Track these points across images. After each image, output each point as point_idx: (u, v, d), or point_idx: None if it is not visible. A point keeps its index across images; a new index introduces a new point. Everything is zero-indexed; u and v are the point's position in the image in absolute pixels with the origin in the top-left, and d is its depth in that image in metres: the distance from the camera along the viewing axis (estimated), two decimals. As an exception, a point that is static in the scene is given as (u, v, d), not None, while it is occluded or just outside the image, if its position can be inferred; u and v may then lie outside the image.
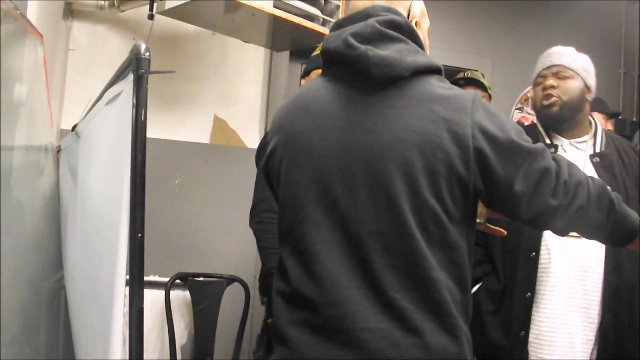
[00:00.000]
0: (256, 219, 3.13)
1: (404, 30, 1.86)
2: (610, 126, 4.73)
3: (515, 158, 1.76)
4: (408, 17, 1.95)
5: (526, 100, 5.48)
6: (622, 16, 5.53)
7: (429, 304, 1.72)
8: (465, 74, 4.04)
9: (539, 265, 2.78)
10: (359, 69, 1.80)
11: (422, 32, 1.99)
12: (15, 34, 2.60)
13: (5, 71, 2.40)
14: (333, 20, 3.76)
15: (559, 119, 2.92)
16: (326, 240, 1.78)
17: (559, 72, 2.93)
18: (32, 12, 3.03)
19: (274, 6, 3.49)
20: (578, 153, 2.89)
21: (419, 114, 1.75)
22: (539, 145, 1.83)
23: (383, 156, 1.74)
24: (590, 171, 2.80)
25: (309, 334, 1.77)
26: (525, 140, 1.80)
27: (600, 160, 2.85)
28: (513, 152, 1.76)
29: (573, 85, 2.91)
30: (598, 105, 4.63)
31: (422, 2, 2.02)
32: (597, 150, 2.91)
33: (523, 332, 2.77)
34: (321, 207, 1.80)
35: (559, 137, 2.96)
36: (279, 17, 3.53)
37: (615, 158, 2.87)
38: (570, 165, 1.87)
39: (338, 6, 3.81)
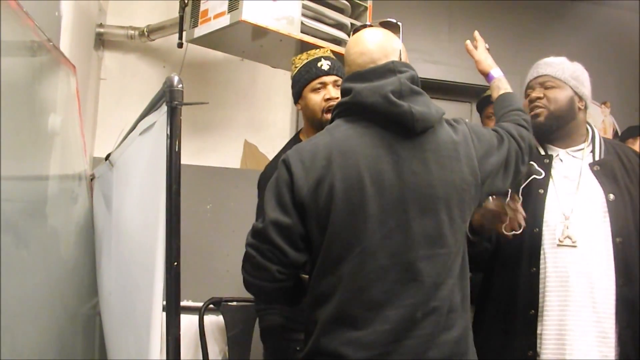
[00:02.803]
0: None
1: (418, 82, 2.24)
2: None
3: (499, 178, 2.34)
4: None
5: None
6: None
7: (456, 305, 2.15)
8: None
9: (540, 281, 2.71)
10: (397, 122, 2.13)
11: None
12: (48, 65, 2.65)
13: (40, 102, 2.45)
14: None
15: (545, 129, 2.88)
16: (381, 267, 2.07)
17: (546, 82, 2.91)
18: (65, 43, 3.07)
19: (301, 31, 3.51)
20: (575, 162, 2.84)
21: (449, 155, 2.18)
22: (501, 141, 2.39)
23: (429, 194, 2.12)
24: (590, 180, 2.76)
25: (361, 350, 2.04)
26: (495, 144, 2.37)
27: (600, 168, 2.79)
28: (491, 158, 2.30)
29: (560, 95, 2.88)
30: (631, 132, 4.61)
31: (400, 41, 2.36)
32: (597, 158, 2.84)
33: (531, 351, 2.68)
34: (377, 239, 2.08)
35: (554, 147, 2.91)
36: (306, 42, 3.55)
37: (617, 165, 2.81)
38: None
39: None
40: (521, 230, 2.59)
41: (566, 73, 2.93)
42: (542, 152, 2.91)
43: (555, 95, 2.89)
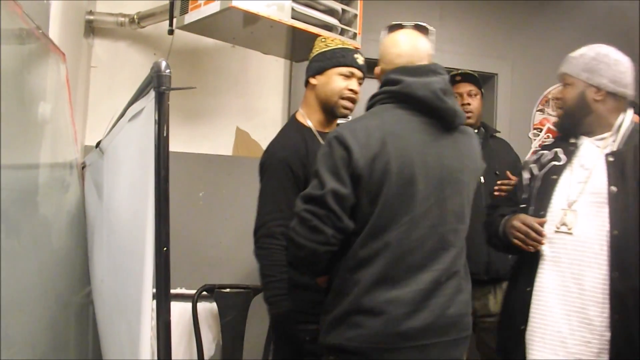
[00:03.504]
0: (257, 244, 3.09)
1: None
2: None
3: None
4: None
5: (547, 101, 5.47)
6: (637, 14, 5.51)
7: (466, 273, 2.61)
8: (458, 71, 4.12)
9: (539, 261, 2.81)
10: (441, 116, 2.52)
11: None
12: (38, 53, 2.63)
13: (30, 90, 2.43)
14: (351, 30, 3.77)
15: (564, 128, 3.00)
16: (422, 235, 2.44)
17: (563, 80, 2.98)
18: (54, 31, 3.05)
19: (292, 17, 3.50)
20: (595, 151, 2.86)
21: (470, 149, 2.65)
22: None
23: (459, 178, 2.55)
24: (602, 170, 2.78)
25: (400, 307, 2.39)
26: None
27: (614, 159, 2.79)
28: None
29: (570, 93, 2.93)
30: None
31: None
32: (615, 148, 2.84)
33: (523, 326, 2.81)
34: (421, 211, 2.44)
35: (581, 136, 2.94)
36: (297, 28, 3.55)
37: (631, 157, 2.78)
38: None
39: (356, 15, 3.82)
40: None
41: (578, 67, 2.93)
42: (572, 140, 2.95)
43: (566, 95, 2.96)
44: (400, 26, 2.72)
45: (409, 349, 2.41)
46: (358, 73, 3.20)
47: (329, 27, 3.71)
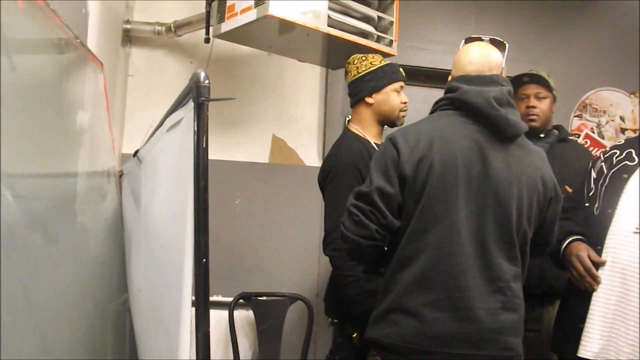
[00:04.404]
0: (332, 246, 3.07)
1: (513, 97, 2.61)
2: None
3: (558, 208, 2.72)
4: None
5: (584, 107, 5.41)
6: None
7: (517, 292, 2.52)
8: (530, 71, 3.85)
9: (607, 261, 2.74)
10: (493, 123, 2.51)
11: None
12: (76, 62, 2.65)
13: (68, 99, 2.45)
14: (387, 37, 3.76)
15: None
16: (462, 242, 2.44)
17: None
18: (92, 40, 3.08)
19: (328, 25, 3.49)
20: None
21: (526, 163, 2.58)
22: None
23: (506, 189, 2.49)
24: None
25: (437, 311, 2.41)
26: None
27: None
28: (558, 202, 2.70)
29: None
30: None
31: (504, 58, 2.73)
32: None
33: (581, 324, 2.76)
34: (461, 218, 2.44)
35: None
36: (333, 35, 3.53)
37: None
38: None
39: (392, 22, 3.80)
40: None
41: None
42: None
43: None
44: (477, 39, 2.79)
45: (444, 355, 2.42)
46: (404, 85, 3.37)
47: (365, 35, 3.70)
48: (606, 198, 2.84)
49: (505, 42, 2.77)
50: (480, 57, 2.66)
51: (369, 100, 3.30)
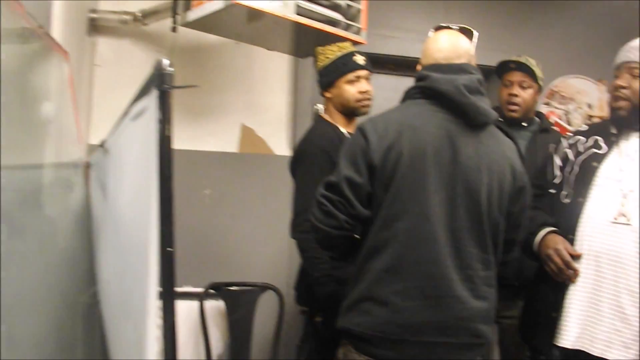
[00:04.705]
0: (299, 228, 3.11)
1: (484, 85, 2.61)
2: None
3: (527, 199, 2.71)
4: None
5: (552, 94, 5.45)
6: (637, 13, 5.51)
7: (488, 280, 2.54)
8: (519, 58, 3.85)
9: (585, 253, 2.76)
10: (463, 111, 2.51)
11: None
12: (40, 52, 2.62)
13: (33, 90, 2.42)
14: (355, 25, 3.75)
15: (625, 122, 2.84)
16: (432, 230, 2.44)
17: (633, 70, 2.80)
18: (57, 29, 3.04)
19: (296, 13, 3.48)
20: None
21: (496, 152, 2.58)
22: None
23: (476, 177, 2.49)
24: None
25: (408, 300, 2.42)
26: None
27: None
28: (527, 193, 2.70)
29: None
30: None
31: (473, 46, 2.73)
32: None
33: (555, 313, 2.79)
34: (431, 206, 2.44)
35: (622, 127, 2.86)
36: (301, 23, 3.52)
37: None
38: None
39: (359, 10, 3.79)
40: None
41: None
42: (613, 130, 2.89)
43: (636, 85, 2.79)
44: (446, 27, 2.77)
45: (415, 343, 2.44)
46: (363, 73, 3.34)
47: (333, 23, 3.69)
48: (577, 186, 2.85)
49: (474, 30, 2.77)
50: (450, 46, 2.66)
51: (327, 95, 3.37)
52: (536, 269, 3.03)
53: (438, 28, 2.79)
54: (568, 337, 2.73)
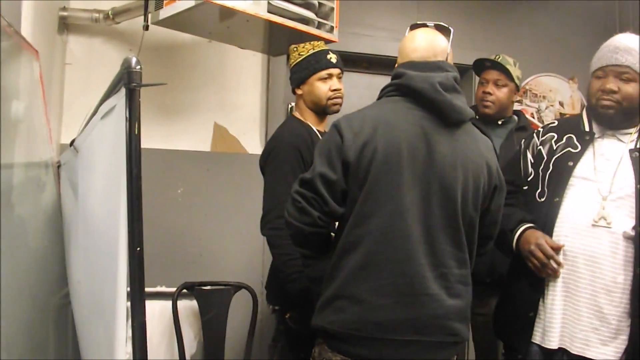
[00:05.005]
0: (269, 225, 3.11)
1: (459, 83, 2.60)
2: None
3: (502, 196, 2.70)
4: None
5: (524, 92, 5.47)
6: (615, 13, 5.55)
7: (462, 278, 2.52)
8: (496, 57, 3.87)
9: (567, 254, 2.76)
10: (438, 108, 2.50)
11: None
12: (10, 51, 2.60)
13: (2, 89, 2.40)
14: (328, 23, 3.74)
15: (612, 124, 2.84)
16: (406, 228, 2.42)
17: (623, 74, 2.79)
18: (26, 28, 3.02)
19: (269, 11, 3.46)
20: (618, 145, 2.82)
21: (472, 149, 2.57)
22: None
23: (451, 174, 2.48)
24: (627, 165, 2.76)
25: (382, 297, 2.40)
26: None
27: (639, 155, 2.77)
28: (503, 191, 2.70)
29: (635, 91, 2.78)
30: None
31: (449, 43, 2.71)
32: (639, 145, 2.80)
33: (532, 313, 2.82)
34: (406, 203, 2.43)
35: (602, 128, 2.87)
36: (273, 22, 3.51)
37: None
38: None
39: (332, 8, 3.79)
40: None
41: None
42: (587, 129, 2.90)
43: (631, 92, 2.78)
44: (422, 25, 2.77)
45: (389, 341, 2.42)
46: (335, 71, 3.35)
47: (305, 21, 3.68)
48: (552, 186, 2.86)
49: (450, 28, 2.76)
50: (426, 44, 2.66)
51: (298, 92, 3.39)
52: (509, 266, 3.05)
53: (414, 26, 2.78)
54: (552, 337, 2.75)
